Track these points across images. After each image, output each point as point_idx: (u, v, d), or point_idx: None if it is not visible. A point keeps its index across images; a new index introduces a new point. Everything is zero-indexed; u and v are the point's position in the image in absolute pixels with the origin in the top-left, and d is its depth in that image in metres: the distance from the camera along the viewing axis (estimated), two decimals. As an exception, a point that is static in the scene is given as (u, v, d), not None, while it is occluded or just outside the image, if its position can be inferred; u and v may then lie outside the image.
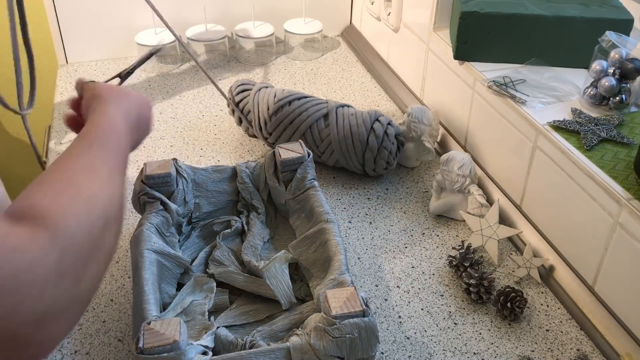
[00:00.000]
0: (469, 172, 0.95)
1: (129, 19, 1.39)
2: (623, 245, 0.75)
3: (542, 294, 0.85)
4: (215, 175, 0.92)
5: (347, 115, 1.04)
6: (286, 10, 1.49)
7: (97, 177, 0.51)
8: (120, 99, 0.65)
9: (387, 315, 0.82)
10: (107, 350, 0.76)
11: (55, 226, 0.43)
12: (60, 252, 0.42)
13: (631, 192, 0.75)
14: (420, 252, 0.93)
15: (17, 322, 0.39)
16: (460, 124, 1.10)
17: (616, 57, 0.89)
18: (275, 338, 0.73)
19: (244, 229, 0.90)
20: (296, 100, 1.07)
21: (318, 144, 1.05)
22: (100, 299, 0.84)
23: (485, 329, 0.80)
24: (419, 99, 1.25)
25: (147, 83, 1.35)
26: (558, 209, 0.86)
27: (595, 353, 0.77)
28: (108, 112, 0.62)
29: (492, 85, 0.96)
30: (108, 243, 0.49)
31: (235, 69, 1.42)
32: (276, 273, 0.79)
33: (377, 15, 1.40)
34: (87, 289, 0.45)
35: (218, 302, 0.79)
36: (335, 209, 1.01)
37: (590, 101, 0.91)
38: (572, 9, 0.98)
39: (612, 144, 0.84)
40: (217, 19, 1.44)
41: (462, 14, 0.98)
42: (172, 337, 0.62)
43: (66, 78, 1.36)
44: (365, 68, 1.44)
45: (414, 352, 0.77)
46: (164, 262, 0.78)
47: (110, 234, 0.50)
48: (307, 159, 0.90)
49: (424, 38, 1.19)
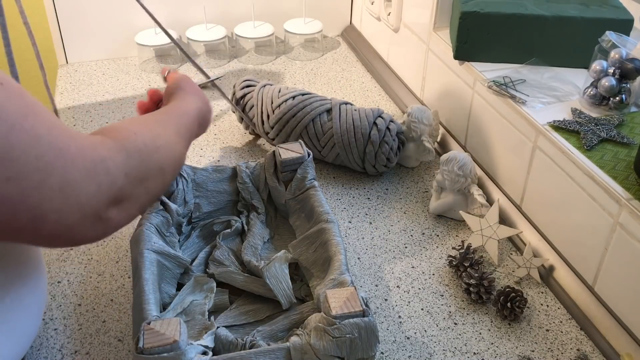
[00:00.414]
0: (469, 172, 0.95)
1: (129, 19, 1.40)
2: (623, 245, 0.75)
3: (542, 294, 0.86)
4: (215, 175, 0.92)
5: (350, 110, 1.05)
6: (286, 10, 1.49)
7: (165, 130, 0.66)
8: (197, 96, 0.80)
9: (387, 315, 0.82)
10: (107, 350, 0.76)
11: (123, 139, 0.57)
12: (127, 157, 0.56)
13: (631, 192, 0.75)
14: (420, 252, 0.93)
15: (102, 198, 0.52)
16: (460, 124, 1.10)
17: (616, 57, 0.89)
18: (275, 338, 0.73)
19: (244, 229, 0.90)
20: (300, 96, 1.08)
21: (320, 137, 1.05)
22: (100, 299, 0.84)
23: (485, 329, 0.80)
24: (419, 99, 1.25)
25: (148, 83, 1.35)
26: (558, 209, 0.86)
27: (595, 353, 0.77)
28: (187, 100, 0.78)
29: (492, 85, 0.96)
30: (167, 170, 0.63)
31: (236, 69, 1.42)
32: (276, 273, 0.79)
33: (377, 15, 1.40)
34: (144, 195, 0.59)
35: (218, 302, 0.79)
36: (335, 209, 1.01)
37: (590, 101, 0.91)
38: (572, 9, 0.99)
39: (612, 144, 0.84)
40: (217, 19, 1.44)
41: (462, 14, 0.98)
42: (172, 337, 0.62)
43: (66, 78, 1.36)
44: (365, 68, 1.44)
45: (414, 352, 0.77)
46: (164, 262, 0.78)
47: (170, 167, 0.64)
48: (307, 159, 0.90)
49: (424, 38, 1.19)
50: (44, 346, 0.76)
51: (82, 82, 1.35)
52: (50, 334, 0.78)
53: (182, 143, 0.70)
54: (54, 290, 0.84)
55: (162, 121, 0.69)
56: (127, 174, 0.55)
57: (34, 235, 0.50)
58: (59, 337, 0.78)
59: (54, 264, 0.89)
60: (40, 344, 0.77)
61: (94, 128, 1.19)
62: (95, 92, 1.32)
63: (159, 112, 0.73)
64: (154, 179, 0.60)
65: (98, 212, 0.52)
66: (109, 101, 1.28)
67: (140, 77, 1.37)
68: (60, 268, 0.88)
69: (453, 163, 0.95)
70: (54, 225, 0.49)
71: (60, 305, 0.82)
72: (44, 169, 0.47)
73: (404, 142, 1.07)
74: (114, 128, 0.60)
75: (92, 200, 0.51)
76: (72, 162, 0.49)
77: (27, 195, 0.46)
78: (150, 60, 1.42)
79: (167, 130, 0.67)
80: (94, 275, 0.87)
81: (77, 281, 0.86)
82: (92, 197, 0.51)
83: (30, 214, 0.47)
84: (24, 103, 0.47)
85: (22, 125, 0.46)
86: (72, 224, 0.50)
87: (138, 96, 1.30)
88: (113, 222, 0.55)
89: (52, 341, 0.77)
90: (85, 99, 1.29)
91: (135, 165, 0.56)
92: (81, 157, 0.50)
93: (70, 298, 0.83)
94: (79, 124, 1.20)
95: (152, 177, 0.59)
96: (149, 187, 0.59)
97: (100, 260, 0.90)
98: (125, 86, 1.34)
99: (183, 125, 0.72)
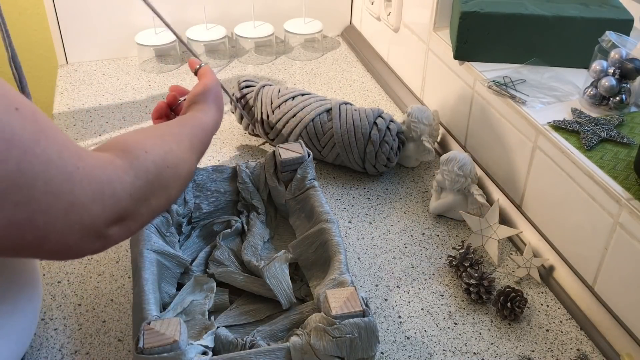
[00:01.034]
0: (469, 172, 0.95)
1: (129, 19, 1.39)
2: (623, 245, 0.75)
3: (542, 294, 0.86)
4: (215, 175, 0.92)
5: (350, 110, 1.05)
6: (286, 10, 1.49)
7: (179, 143, 0.66)
8: (217, 107, 0.80)
9: (387, 315, 0.82)
10: (107, 350, 0.76)
11: (133, 158, 0.57)
12: (135, 178, 0.56)
13: (631, 192, 0.75)
14: (420, 252, 0.93)
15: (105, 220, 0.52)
16: (460, 124, 1.10)
17: (616, 57, 0.89)
18: (275, 338, 0.73)
19: (244, 229, 0.90)
20: (300, 96, 1.08)
21: (320, 137, 1.05)
22: (100, 299, 0.84)
23: (485, 329, 0.80)
24: (419, 99, 1.25)
25: (148, 83, 1.35)
26: (558, 209, 0.86)
27: (595, 353, 0.77)
28: (208, 113, 0.78)
29: (492, 85, 0.96)
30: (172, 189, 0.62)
31: (236, 69, 1.42)
32: (276, 273, 0.79)
33: (377, 15, 1.40)
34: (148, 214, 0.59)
35: (218, 302, 0.79)
36: (335, 209, 1.01)
37: (590, 101, 0.91)
38: (572, 9, 0.98)
39: (612, 144, 0.84)
40: (217, 19, 1.44)
41: (462, 14, 0.98)
42: (172, 337, 0.62)
43: (66, 78, 1.36)
44: (365, 68, 1.44)
45: (414, 352, 0.77)
46: (164, 262, 0.78)
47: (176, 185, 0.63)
48: (307, 159, 0.90)
49: (424, 38, 1.19)
50: (44, 346, 0.76)
51: (82, 82, 1.35)
52: (50, 334, 0.78)
53: (193, 158, 0.68)
54: (54, 290, 0.84)
55: (176, 135, 0.67)
56: (132, 194, 0.55)
57: (34, 253, 0.51)
58: (59, 337, 0.78)
59: (54, 264, 0.88)
60: (40, 344, 0.77)
61: (94, 128, 1.19)
62: (95, 92, 1.31)
63: (177, 124, 0.72)
64: (159, 197, 0.60)
65: (99, 230, 0.52)
66: (109, 101, 1.28)
67: (140, 77, 1.37)
68: (60, 268, 0.88)
69: (453, 163, 0.95)
70: (55, 244, 0.50)
71: (60, 305, 0.82)
72: (52, 193, 0.47)
73: (404, 142, 1.07)
74: (126, 142, 0.59)
75: (95, 221, 0.51)
76: (80, 186, 0.49)
77: (34, 219, 0.47)
78: (150, 60, 1.42)
79: (181, 146, 0.66)
80: (94, 275, 0.87)
81: (77, 281, 0.86)
82: (96, 218, 0.51)
83: (35, 235, 0.48)
84: (37, 128, 0.47)
85: (33, 150, 0.46)
86: (73, 242, 0.51)
87: (138, 96, 1.30)
88: (113, 239, 0.55)
89: (52, 341, 0.77)
90: (85, 99, 1.29)
91: (141, 185, 0.56)
92: (88, 181, 0.50)
93: (70, 298, 0.83)
94: (79, 124, 1.20)
95: (156, 196, 0.59)
96: (153, 205, 0.59)
97: (100, 260, 0.90)
98: (125, 86, 1.34)
99: (198, 139, 0.71)
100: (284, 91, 1.10)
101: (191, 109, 0.78)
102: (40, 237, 0.48)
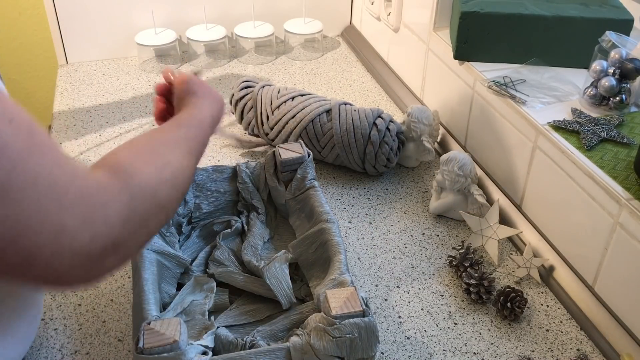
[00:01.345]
0: (469, 172, 0.95)
1: (129, 19, 1.40)
2: (623, 245, 0.75)
3: (542, 294, 0.86)
4: (215, 175, 0.92)
5: (350, 110, 1.05)
6: (286, 10, 1.49)
7: (175, 151, 0.62)
8: (211, 99, 0.76)
9: (387, 315, 0.82)
10: (107, 350, 0.76)
11: (129, 178, 0.53)
12: (130, 199, 0.52)
13: (631, 192, 0.75)
14: (420, 252, 0.93)
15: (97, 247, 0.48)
16: (460, 124, 1.10)
17: (616, 57, 0.89)
18: (275, 338, 0.73)
19: (244, 229, 0.90)
20: (299, 96, 1.08)
21: (320, 138, 1.05)
22: (100, 299, 0.84)
23: (485, 329, 0.80)
24: (419, 99, 1.25)
25: (148, 83, 1.35)
26: (558, 208, 0.86)
27: (595, 353, 0.77)
28: (201, 107, 0.73)
29: (492, 85, 0.96)
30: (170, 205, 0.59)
31: (236, 69, 1.42)
32: (276, 273, 0.79)
33: (377, 15, 1.40)
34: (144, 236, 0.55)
35: (218, 302, 0.79)
36: (335, 209, 1.01)
37: (590, 101, 0.91)
38: (572, 9, 0.99)
39: (612, 144, 0.84)
40: (217, 19, 1.44)
41: (462, 14, 0.98)
42: (172, 337, 0.62)
43: (66, 78, 1.36)
44: (365, 68, 1.44)
45: (414, 352, 0.77)
46: (164, 262, 0.78)
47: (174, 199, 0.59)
48: (307, 159, 0.90)
49: (424, 38, 1.19)
50: (44, 346, 0.76)
51: (82, 82, 1.35)
52: (50, 334, 0.78)
53: (192, 162, 0.65)
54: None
55: (172, 142, 0.64)
56: (126, 220, 0.51)
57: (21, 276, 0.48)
58: (59, 337, 0.78)
59: (54, 264, 0.88)
60: (40, 344, 0.77)
61: (94, 128, 1.19)
62: (95, 92, 1.32)
63: (172, 128, 0.68)
64: (156, 217, 0.57)
65: (91, 259, 0.49)
66: (109, 101, 1.28)
67: (140, 77, 1.37)
68: (60, 268, 0.88)
69: (453, 163, 0.95)
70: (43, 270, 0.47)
71: (60, 305, 0.82)
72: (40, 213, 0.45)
73: (404, 142, 1.07)
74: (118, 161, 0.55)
75: (86, 248, 0.48)
76: (70, 208, 0.47)
77: (19, 239, 0.45)
78: (150, 60, 1.42)
79: (178, 154, 0.62)
80: (94, 275, 0.87)
81: (77, 281, 0.86)
82: (86, 245, 0.48)
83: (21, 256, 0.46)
84: (31, 142, 0.45)
85: (24, 165, 0.44)
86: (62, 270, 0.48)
87: (138, 96, 1.30)
88: (107, 268, 0.51)
89: (52, 341, 0.77)
90: (85, 99, 1.29)
91: (136, 207, 0.53)
92: (78, 204, 0.47)
93: (70, 298, 0.83)
94: (79, 124, 1.20)
95: (153, 216, 0.56)
96: (150, 226, 0.56)
97: (100, 260, 0.90)
98: (125, 86, 1.34)
99: (196, 140, 0.68)
100: (283, 92, 1.09)
101: (183, 106, 0.74)
102: (26, 260, 0.46)
